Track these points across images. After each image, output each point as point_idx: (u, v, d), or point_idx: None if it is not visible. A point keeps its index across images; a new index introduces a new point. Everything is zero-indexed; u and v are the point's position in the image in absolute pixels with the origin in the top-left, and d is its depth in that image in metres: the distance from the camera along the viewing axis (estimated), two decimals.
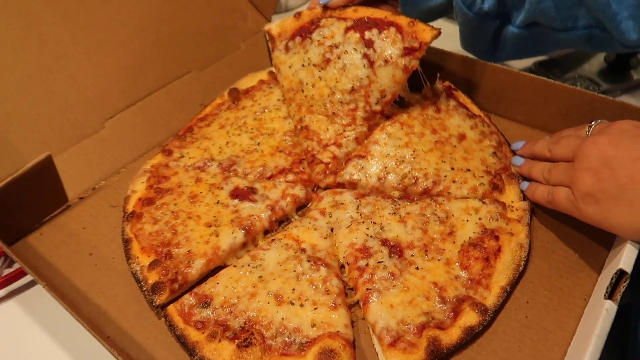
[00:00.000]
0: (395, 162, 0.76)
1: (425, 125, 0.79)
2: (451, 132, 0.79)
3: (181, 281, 0.64)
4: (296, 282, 0.62)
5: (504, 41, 0.84)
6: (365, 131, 0.79)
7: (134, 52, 0.94)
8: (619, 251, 0.56)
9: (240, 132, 0.85)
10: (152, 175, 0.79)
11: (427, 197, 0.72)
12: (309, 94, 0.82)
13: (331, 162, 0.78)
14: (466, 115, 0.81)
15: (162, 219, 0.71)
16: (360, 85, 0.77)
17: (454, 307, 0.58)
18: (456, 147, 0.77)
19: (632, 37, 0.72)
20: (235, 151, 0.82)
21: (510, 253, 0.63)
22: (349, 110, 0.78)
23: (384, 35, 0.76)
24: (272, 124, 0.85)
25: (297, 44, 0.83)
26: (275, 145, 0.82)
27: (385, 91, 0.76)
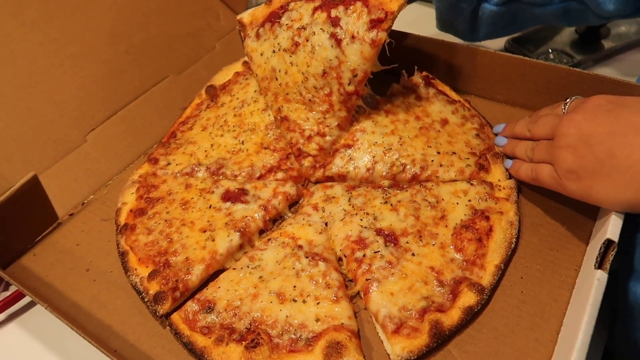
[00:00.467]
0: (383, 150, 0.76)
1: (409, 112, 0.80)
2: (434, 118, 0.80)
3: (182, 289, 0.64)
4: (296, 279, 0.63)
5: (482, 20, 0.85)
6: (345, 115, 0.77)
7: (109, 61, 0.93)
8: (605, 222, 0.58)
9: (222, 132, 0.84)
10: (141, 185, 0.78)
11: (416, 184, 0.73)
12: (283, 82, 0.80)
13: (318, 154, 0.78)
14: (446, 101, 0.83)
15: (156, 228, 0.71)
16: (331, 67, 0.74)
17: (452, 289, 0.60)
18: (440, 132, 0.78)
19: (609, 8, 0.73)
20: (221, 153, 0.82)
21: (501, 232, 0.65)
22: (325, 95, 0.76)
23: (350, 11, 0.73)
24: (252, 118, 0.84)
25: (267, 30, 0.82)
26: (259, 141, 0.81)
27: (355, 70, 0.73)
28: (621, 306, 0.64)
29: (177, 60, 1.00)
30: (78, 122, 0.86)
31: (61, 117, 0.85)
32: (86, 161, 0.84)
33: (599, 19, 0.80)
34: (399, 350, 0.55)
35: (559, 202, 0.69)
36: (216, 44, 1.06)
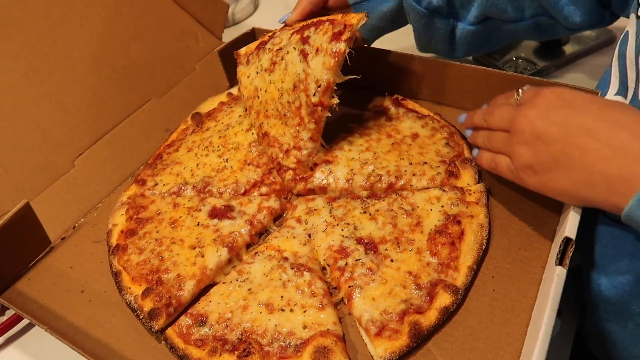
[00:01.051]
0: (360, 164, 0.81)
1: (381, 132, 0.86)
2: (404, 134, 0.85)
3: (175, 304, 0.67)
4: (283, 290, 0.66)
5: (459, 40, 0.89)
6: (315, 127, 0.79)
7: (93, 87, 0.96)
8: (565, 218, 0.63)
9: (207, 152, 0.88)
10: (130, 206, 0.81)
11: (392, 193, 0.77)
12: (263, 99, 0.84)
13: (297, 167, 0.82)
14: (416, 117, 0.88)
15: (147, 247, 0.74)
16: (299, 80, 0.76)
17: (429, 291, 0.64)
18: (411, 145, 0.84)
19: (576, 20, 0.79)
20: (207, 172, 0.85)
21: (472, 235, 0.69)
22: (296, 109, 0.79)
23: (319, 30, 0.77)
24: (236, 138, 0.88)
25: (254, 56, 0.86)
26: (243, 158, 0.85)
27: (319, 80, 0.74)
28: (587, 297, 0.69)
29: (159, 83, 1.04)
30: (65, 148, 0.89)
31: (49, 144, 0.88)
32: (75, 185, 0.87)
33: (567, 31, 0.85)
34: (381, 351, 0.59)
35: (526, 203, 0.74)
36: (196, 65, 1.10)
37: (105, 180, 0.89)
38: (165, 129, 0.99)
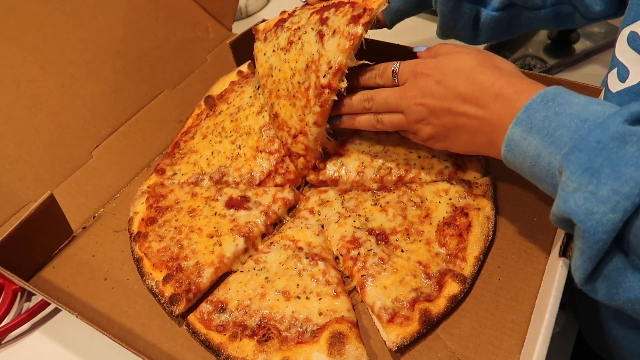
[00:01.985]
0: (370, 157, 0.84)
1: None
2: None
3: (195, 290, 0.71)
4: (299, 278, 0.70)
5: (483, 26, 0.89)
6: (319, 111, 0.75)
7: (107, 79, 0.98)
8: None
9: (221, 139, 0.88)
10: (150, 195, 0.84)
11: (402, 185, 0.80)
12: (276, 79, 0.82)
13: (307, 154, 0.82)
14: None
15: (167, 235, 0.77)
16: (312, 61, 0.74)
17: (438, 280, 0.67)
18: None
19: (596, 9, 0.80)
20: (222, 160, 0.86)
21: (479, 226, 0.73)
22: (304, 89, 0.76)
23: (339, 12, 0.75)
24: (247, 121, 0.87)
25: (272, 33, 0.85)
26: (255, 145, 0.85)
27: (331, 62, 0.72)
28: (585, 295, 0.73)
29: (171, 74, 1.06)
30: (83, 139, 0.92)
31: (67, 136, 0.91)
32: (94, 176, 0.89)
33: (585, 20, 0.86)
34: (393, 337, 0.63)
35: (530, 196, 0.77)
36: (207, 56, 1.12)
37: (122, 171, 0.92)
38: (178, 120, 1.01)
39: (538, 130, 0.51)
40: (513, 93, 0.56)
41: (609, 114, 0.47)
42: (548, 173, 0.50)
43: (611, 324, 0.70)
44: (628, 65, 0.66)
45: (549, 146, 0.50)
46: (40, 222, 0.76)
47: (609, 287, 0.47)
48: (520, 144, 0.53)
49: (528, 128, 0.52)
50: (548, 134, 0.50)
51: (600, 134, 0.45)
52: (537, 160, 0.51)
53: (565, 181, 0.47)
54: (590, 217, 0.44)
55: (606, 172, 0.43)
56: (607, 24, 1.15)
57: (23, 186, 0.84)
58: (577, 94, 0.51)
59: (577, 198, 0.46)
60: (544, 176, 0.52)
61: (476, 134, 0.62)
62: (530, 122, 0.52)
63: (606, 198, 0.43)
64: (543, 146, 0.50)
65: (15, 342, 0.75)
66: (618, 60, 0.68)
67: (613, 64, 0.69)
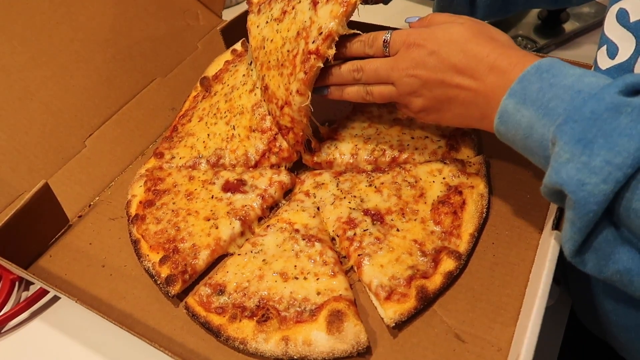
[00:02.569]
0: (363, 139, 0.85)
1: (381, 108, 0.89)
2: None
3: (191, 272, 0.71)
4: (296, 259, 0.70)
5: (480, 2, 0.90)
6: (303, 78, 0.71)
7: (98, 68, 0.98)
8: None
9: (216, 120, 0.87)
10: (148, 178, 0.85)
11: (396, 166, 0.80)
12: (268, 50, 0.80)
13: (294, 127, 0.79)
14: None
15: (164, 218, 0.78)
16: (303, 28, 0.71)
17: (434, 257, 0.68)
18: (412, 120, 0.86)
19: None
20: (218, 142, 0.85)
21: (473, 204, 0.73)
22: (292, 57, 0.73)
23: None
24: (240, 100, 0.86)
25: (266, 5, 0.83)
26: (248, 124, 0.83)
27: (321, 28, 0.69)
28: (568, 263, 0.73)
29: (162, 62, 1.05)
30: (76, 129, 0.92)
31: (59, 125, 0.90)
32: (87, 165, 0.89)
33: None
34: (391, 313, 0.64)
35: (523, 174, 0.78)
36: (198, 43, 1.12)
37: (116, 159, 0.92)
38: (171, 108, 1.01)
39: (532, 101, 0.50)
40: (508, 65, 0.55)
41: (604, 85, 0.46)
42: (541, 145, 0.50)
43: (601, 298, 0.71)
44: (617, 41, 0.67)
45: (543, 117, 0.49)
46: (36, 211, 0.76)
47: (598, 259, 0.48)
48: (514, 115, 0.52)
49: (522, 99, 0.51)
50: (542, 105, 0.49)
51: (594, 104, 0.45)
52: (530, 132, 0.51)
53: (558, 152, 0.46)
54: (582, 188, 0.45)
55: (599, 143, 0.43)
56: (597, 3, 1.15)
57: (17, 177, 0.84)
58: (571, 66, 0.51)
59: (569, 169, 0.45)
60: (536, 148, 0.51)
61: (469, 106, 0.61)
62: (524, 93, 0.51)
63: (598, 169, 0.43)
64: (536, 117, 0.50)
65: (15, 331, 0.75)
66: (607, 37, 0.68)
67: (602, 41, 0.70)
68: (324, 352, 0.62)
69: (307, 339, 0.62)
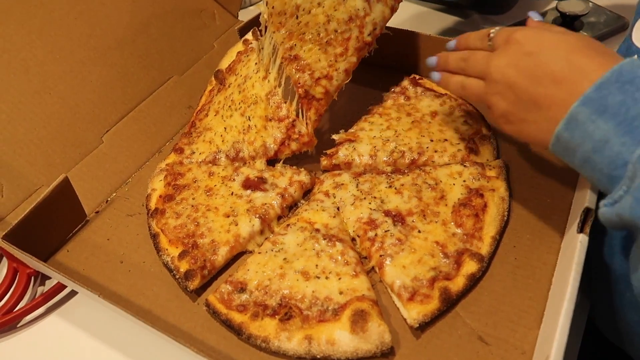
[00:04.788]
0: (382, 141, 0.85)
1: (400, 111, 0.89)
2: (424, 112, 0.89)
3: (209, 267, 0.71)
4: (317, 259, 0.70)
5: None
6: (355, 62, 0.81)
7: (116, 65, 0.98)
8: (584, 193, 0.67)
9: (231, 112, 0.87)
10: (168, 173, 0.85)
11: (416, 168, 0.81)
12: (303, 21, 0.80)
13: (323, 99, 0.81)
14: (434, 96, 0.91)
15: (184, 213, 0.78)
16: (357, 16, 0.78)
17: (456, 259, 0.68)
18: (431, 123, 0.87)
19: None
20: (235, 135, 0.85)
21: (495, 207, 0.73)
22: (344, 39, 0.79)
23: None
24: (253, 90, 0.85)
25: None
26: (263, 114, 0.83)
27: (376, 24, 0.80)
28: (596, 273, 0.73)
29: (179, 61, 1.05)
30: (93, 124, 0.91)
31: (77, 120, 0.90)
32: (105, 161, 0.89)
33: None
34: (414, 314, 0.64)
35: (542, 178, 0.78)
36: (214, 43, 1.12)
37: (133, 155, 0.92)
38: (187, 106, 1.01)
39: (612, 115, 0.46)
40: None
41: None
42: (611, 163, 0.46)
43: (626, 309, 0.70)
44: None
45: (624, 135, 0.45)
46: (55, 205, 0.75)
47: None
48: (585, 125, 0.48)
49: (600, 110, 0.47)
50: (624, 122, 0.45)
51: None
52: (602, 147, 0.47)
53: None
54: None
55: None
56: (606, 13, 1.16)
57: (34, 170, 0.83)
58: None
59: None
60: (603, 165, 0.47)
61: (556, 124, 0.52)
62: (603, 104, 0.47)
63: None
64: (615, 133, 0.46)
65: (31, 326, 0.75)
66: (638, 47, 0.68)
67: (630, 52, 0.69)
68: (348, 351, 0.61)
69: (330, 338, 0.62)
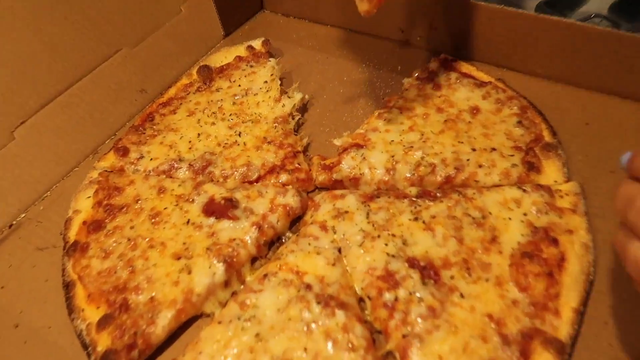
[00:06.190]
0: (403, 148, 0.63)
1: (427, 104, 0.68)
2: (460, 107, 0.67)
3: (142, 346, 0.49)
4: (307, 337, 0.46)
5: None
6: None
7: (41, 31, 0.73)
8: None
9: (215, 120, 0.72)
10: (101, 186, 0.63)
11: (452, 191, 0.58)
12: None
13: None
14: (474, 85, 0.71)
15: (115, 250, 0.56)
16: None
17: (522, 347, 0.44)
18: (471, 123, 0.66)
19: None
20: (210, 146, 0.68)
21: (577, 260, 0.49)
22: None
23: None
24: (257, 108, 0.72)
25: None
26: (262, 135, 0.68)
27: None
28: None
29: (132, 28, 0.81)
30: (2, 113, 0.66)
31: None
32: (14, 166, 0.66)
33: None
34: None
35: None
36: (181, 6, 0.86)
37: (57, 158, 0.69)
38: (140, 90, 0.78)
39: None
40: None
41: None
42: None
43: None
44: None
45: None
46: None
47: None
48: None
49: None
50: None
51: None
52: None
53: None
54: None
55: None
56: None
57: None
58: None
59: None
60: None
61: None
62: None
63: None
64: None
65: None
66: None
67: None
68: None
69: None
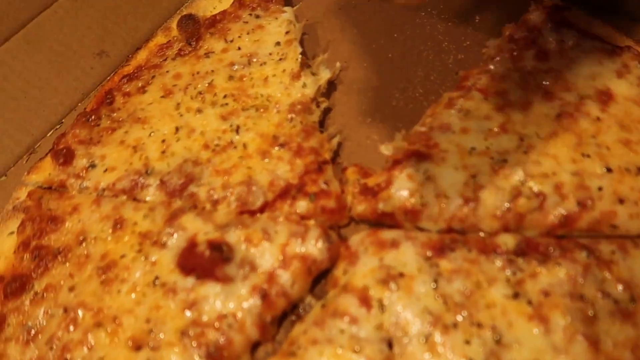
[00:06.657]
0: (491, 163, 0.46)
1: (528, 87, 0.50)
2: (582, 92, 0.50)
3: None
4: None
5: None
6: None
7: None
8: None
9: (202, 105, 0.56)
10: (30, 216, 0.49)
11: (575, 246, 0.42)
12: None
13: None
14: (601, 52, 0.51)
15: (45, 329, 0.44)
16: None
17: None
18: (601, 121, 0.48)
19: None
20: (194, 149, 0.52)
21: None
22: None
23: None
24: (265, 87, 0.56)
25: None
26: (271, 132, 0.53)
27: None
28: None
29: None
30: None
31: None
32: None
33: None
34: None
35: None
36: None
37: None
38: (97, 52, 0.62)
39: None
40: None
41: None
42: None
43: None
44: None
45: None
46: None
47: None
48: None
49: None
50: None
51: None
52: None
53: None
54: None
55: None
56: None
57: None
58: None
59: None
60: None
61: None
62: None
63: None
64: None
65: None
66: None
67: None
68: None
69: None
